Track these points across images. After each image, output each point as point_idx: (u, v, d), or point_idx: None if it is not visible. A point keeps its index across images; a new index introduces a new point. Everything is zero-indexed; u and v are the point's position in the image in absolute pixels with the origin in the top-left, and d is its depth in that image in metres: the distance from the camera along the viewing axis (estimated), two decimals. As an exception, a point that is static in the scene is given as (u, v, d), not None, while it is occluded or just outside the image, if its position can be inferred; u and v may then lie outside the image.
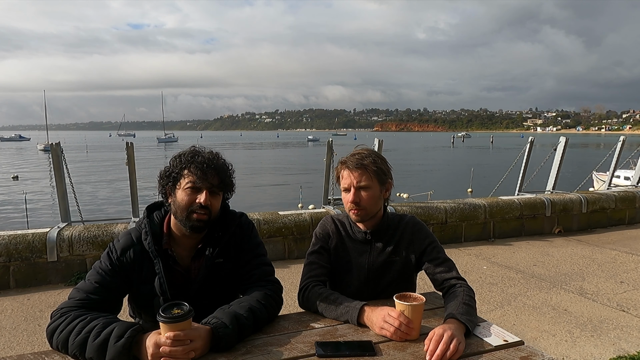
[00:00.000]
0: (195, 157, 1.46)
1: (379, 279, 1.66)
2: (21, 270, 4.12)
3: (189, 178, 1.44)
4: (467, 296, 1.45)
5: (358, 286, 1.65)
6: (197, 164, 1.44)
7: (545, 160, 7.29)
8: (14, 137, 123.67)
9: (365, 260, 1.66)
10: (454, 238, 5.71)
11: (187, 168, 1.44)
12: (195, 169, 1.43)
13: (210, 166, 1.44)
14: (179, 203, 1.44)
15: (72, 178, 5.09)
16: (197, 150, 1.49)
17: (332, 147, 5.72)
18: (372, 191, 1.59)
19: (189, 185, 1.43)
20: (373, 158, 1.60)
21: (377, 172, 1.59)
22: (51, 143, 4.82)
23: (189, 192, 1.43)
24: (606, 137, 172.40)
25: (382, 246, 1.66)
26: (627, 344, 2.97)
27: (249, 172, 29.26)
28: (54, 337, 1.23)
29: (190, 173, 1.43)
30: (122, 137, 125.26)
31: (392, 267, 1.65)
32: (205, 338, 1.17)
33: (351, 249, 1.68)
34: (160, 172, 1.51)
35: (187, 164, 1.45)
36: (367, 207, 1.59)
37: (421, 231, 1.67)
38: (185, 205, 1.43)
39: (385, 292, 1.62)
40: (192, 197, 1.43)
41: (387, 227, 1.68)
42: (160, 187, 1.51)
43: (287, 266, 4.75)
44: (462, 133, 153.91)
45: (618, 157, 7.86)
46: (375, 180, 1.59)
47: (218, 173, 1.46)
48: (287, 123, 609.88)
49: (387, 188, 1.65)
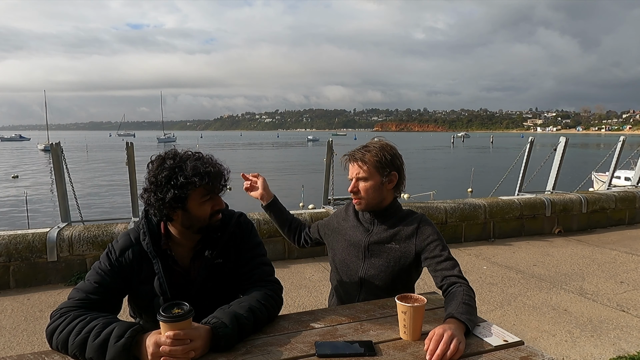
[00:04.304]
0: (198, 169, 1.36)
1: (374, 259, 1.70)
2: (21, 270, 4.12)
3: (201, 191, 1.39)
4: (467, 296, 1.45)
5: (355, 262, 1.74)
6: (205, 175, 1.37)
7: (545, 160, 7.29)
8: (14, 137, 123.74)
9: (363, 238, 1.74)
10: (454, 238, 5.71)
11: (198, 182, 1.36)
12: (204, 181, 1.37)
13: (215, 173, 1.40)
14: (197, 217, 1.41)
15: (72, 178, 5.09)
16: (201, 160, 1.40)
17: (332, 147, 5.72)
18: (371, 182, 1.67)
19: (206, 199, 1.40)
20: (376, 151, 1.67)
21: (376, 163, 1.66)
22: (51, 143, 4.82)
23: (208, 203, 1.41)
24: (606, 137, 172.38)
25: (382, 230, 1.72)
26: (627, 344, 2.98)
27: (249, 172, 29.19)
28: (54, 337, 1.23)
29: (203, 186, 1.38)
30: (122, 137, 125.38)
31: (389, 252, 1.68)
32: (205, 338, 1.17)
33: (356, 228, 1.78)
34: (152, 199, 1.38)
35: (198, 177, 1.35)
36: (366, 197, 1.69)
37: (427, 228, 1.68)
38: (206, 217, 1.42)
39: (379, 277, 1.69)
40: (210, 206, 1.42)
41: (392, 215, 1.73)
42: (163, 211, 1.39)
43: (287, 266, 4.75)
44: (462, 133, 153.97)
45: (618, 157, 7.86)
46: (375, 171, 1.67)
47: (222, 174, 1.45)
48: (287, 123, 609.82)
49: (391, 180, 1.69)
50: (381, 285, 1.69)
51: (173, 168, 1.36)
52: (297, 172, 29.49)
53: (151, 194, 1.38)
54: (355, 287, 1.74)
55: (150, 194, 1.38)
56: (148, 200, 1.39)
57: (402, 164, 1.73)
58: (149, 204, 1.39)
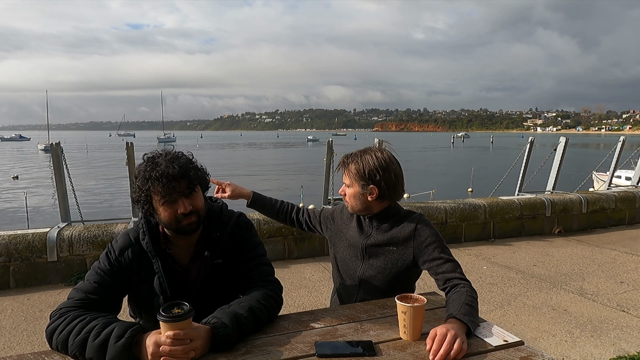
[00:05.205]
0: (152, 172, 1.35)
1: (372, 260, 1.70)
2: (21, 270, 4.12)
3: (158, 196, 1.37)
4: (470, 297, 1.44)
5: (354, 261, 1.74)
6: (156, 179, 1.35)
7: (545, 161, 7.29)
8: (15, 137, 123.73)
9: (361, 240, 1.74)
10: (454, 238, 5.71)
11: (152, 186, 1.36)
12: (158, 185, 1.35)
13: (171, 175, 1.35)
14: (163, 220, 1.41)
15: (72, 178, 5.09)
16: (155, 162, 1.38)
17: (332, 147, 5.72)
18: (352, 190, 1.69)
19: (162, 202, 1.38)
20: (358, 160, 1.67)
21: (356, 174, 1.66)
22: (51, 143, 4.82)
23: (166, 207, 1.39)
24: (606, 137, 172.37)
25: (380, 232, 1.71)
26: (627, 344, 2.97)
27: (249, 172, 29.26)
28: (54, 338, 1.23)
29: (157, 191, 1.36)
30: (122, 137, 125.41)
31: (387, 255, 1.68)
32: (205, 338, 1.17)
33: (355, 228, 1.78)
34: (132, 197, 1.45)
35: (149, 181, 1.36)
36: (350, 203, 1.72)
37: (424, 230, 1.66)
38: (171, 220, 1.40)
39: (377, 278, 1.69)
40: (172, 209, 1.39)
41: (390, 217, 1.72)
42: (141, 211, 1.44)
43: (287, 266, 4.75)
44: (462, 133, 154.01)
45: (618, 157, 7.86)
46: (354, 181, 1.68)
47: (183, 176, 1.37)
48: (287, 123, 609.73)
49: (371, 192, 1.64)
50: (380, 286, 1.69)
51: (144, 170, 1.39)
52: (297, 172, 29.50)
53: (134, 194, 1.43)
54: (354, 286, 1.75)
55: (133, 194, 1.44)
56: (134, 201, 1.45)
57: (386, 178, 1.62)
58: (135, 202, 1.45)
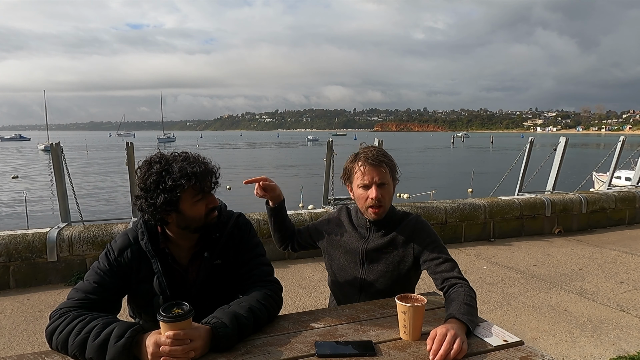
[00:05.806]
0: (187, 169, 1.35)
1: (373, 264, 1.68)
2: (21, 270, 4.12)
3: (192, 192, 1.38)
4: (469, 296, 1.44)
5: (354, 267, 1.71)
6: (193, 176, 1.35)
7: (545, 161, 7.29)
8: (14, 137, 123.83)
9: (360, 245, 1.70)
10: (454, 238, 5.71)
11: (188, 184, 1.35)
12: (195, 181, 1.36)
13: (203, 172, 1.39)
14: (192, 218, 1.41)
15: (72, 178, 5.09)
16: (188, 160, 1.38)
17: (332, 147, 5.72)
18: (389, 188, 1.63)
19: (198, 198, 1.40)
20: (387, 155, 1.65)
21: (391, 169, 1.63)
22: (51, 143, 4.82)
23: (200, 203, 1.41)
24: (606, 137, 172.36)
25: (379, 236, 1.69)
26: (627, 344, 2.97)
27: (249, 172, 29.25)
28: (54, 338, 1.23)
29: (195, 187, 1.37)
30: (122, 137, 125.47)
31: (388, 258, 1.67)
32: (205, 338, 1.17)
33: (351, 234, 1.73)
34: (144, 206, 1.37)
35: (185, 179, 1.34)
36: (386, 205, 1.63)
37: (423, 230, 1.67)
38: (202, 217, 1.43)
39: (379, 282, 1.67)
40: (204, 204, 1.42)
41: (387, 220, 1.70)
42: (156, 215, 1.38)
43: (287, 266, 4.75)
44: (462, 133, 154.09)
45: (618, 157, 7.86)
46: (390, 177, 1.63)
47: (209, 172, 1.43)
48: (287, 123, 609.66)
49: (394, 185, 1.69)
50: (381, 289, 1.68)
51: (160, 172, 1.36)
52: (297, 172, 29.49)
53: (142, 200, 1.38)
54: (354, 291, 1.73)
55: (142, 200, 1.38)
56: (141, 207, 1.40)
57: None
58: (142, 210, 1.40)
